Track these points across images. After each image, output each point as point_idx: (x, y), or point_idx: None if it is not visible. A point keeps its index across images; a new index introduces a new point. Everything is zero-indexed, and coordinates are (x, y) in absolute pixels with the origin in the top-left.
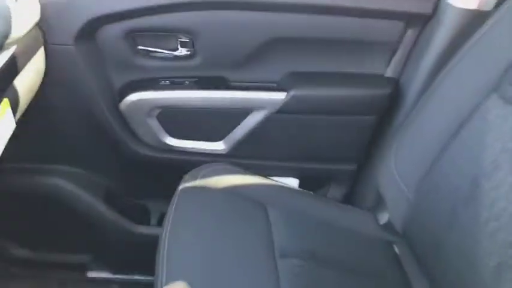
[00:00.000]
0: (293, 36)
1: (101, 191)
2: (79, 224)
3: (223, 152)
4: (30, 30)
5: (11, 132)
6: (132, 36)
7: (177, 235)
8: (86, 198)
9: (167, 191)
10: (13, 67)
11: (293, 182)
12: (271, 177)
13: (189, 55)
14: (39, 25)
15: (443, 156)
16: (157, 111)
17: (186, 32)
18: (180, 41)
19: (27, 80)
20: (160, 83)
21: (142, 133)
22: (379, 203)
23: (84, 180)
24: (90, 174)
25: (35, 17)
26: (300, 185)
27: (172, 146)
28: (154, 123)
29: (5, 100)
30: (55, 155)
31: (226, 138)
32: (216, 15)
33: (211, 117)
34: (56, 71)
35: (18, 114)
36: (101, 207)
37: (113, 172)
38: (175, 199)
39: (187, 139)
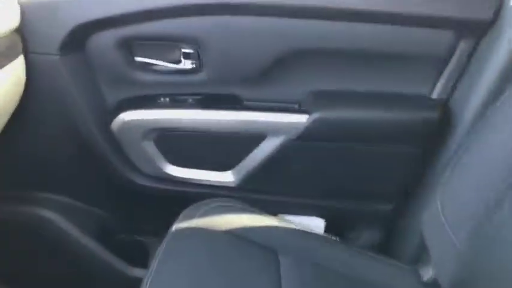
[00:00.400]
0: (318, 47)
1: (92, 224)
2: (65, 262)
3: (233, 185)
4: (5, 36)
5: None
6: (128, 46)
7: None
8: (73, 233)
9: (169, 227)
10: None
11: (318, 224)
12: (291, 217)
13: (194, 68)
14: (19, 31)
15: (506, 200)
16: (154, 134)
17: (191, 41)
18: (184, 52)
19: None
20: (159, 101)
21: (137, 159)
22: (422, 255)
23: (72, 212)
24: (79, 204)
25: (13, 21)
26: (326, 228)
27: (172, 175)
28: (151, 148)
29: None
30: (39, 182)
31: (236, 167)
32: (226, 22)
33: (219, 143)
34: (37, 85)
35: None
36: (91, 244)
37: (105, 203)
38: (164, 243)
39: (189, 168)
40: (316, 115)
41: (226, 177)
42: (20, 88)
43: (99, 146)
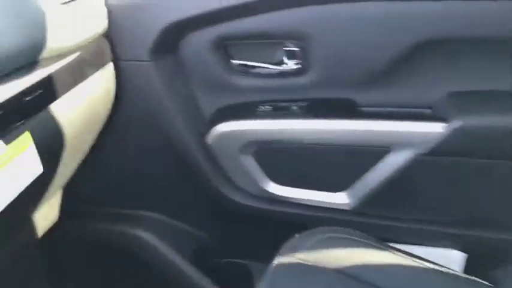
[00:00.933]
0: (458, 35)
1: (188, 245)
2: (158, 284)
3: (347, 208)
4: (92, 42)
5: (32, 177)
6: (223, 47)
7: None
8: (168, 253)
9: (272, 251)
10: (48, 90)
11: (455, 258)
12: (421, 249)
13: (299, 69)
14: (107, 36)
15: None
16: (254, 147)
17: (295, 36)
18: (287, 51)
19: (83, 107)
20: (259, 109)
21: (235, 175)
22: None
23: (167, 231)
24: (174, 223)
25: (99, 25)
26: (467, 264)
27: (274, 194)
28: (250, 163)
29: (26, 134)
30: (131, 198)
31: (351, 187)
32: (337, 11)
33: (331, 158)
34: (128, 94)
35: (69, 150)
36: (186, 267)
37: (202, 222)
38: (264, 279)
39: (295, 187)
40: (457, 123)
41: (340, 199)
42: (110, 98)
43: (194, 160)
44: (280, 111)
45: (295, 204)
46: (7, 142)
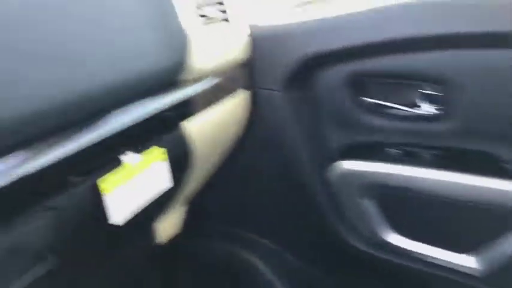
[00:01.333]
0: None
1: (296, 278)
2: None
3: (476, 274)
4: (230, 68)
5: (161, 190)
6: (356, 83)
7: None
8: (275, 283)
9: None
10: (183, 110)
11: None
12: None
13: (437, 115)
14: (247, 63)
15: None
16: (377, 191)
17: (436, 80)
18: (424, 93)
19: (214, 129)
20: (387, 151)
21: (352, 216)
22: None
23: (278, 260)
24: (286, 253)
25: (240, 52)
26: None
27: (394, 245)
28: (370, 207)
29: (159, 149)
30: (250, 222)
31: (483, 251)
32: (485, 58)
33: (462, 215)
34: (259, 121)
35: (196, 168)
36: None
37: (314, 257)
38: None
39: (418, 240)
40: None
41: (468, 262)
42: (240, 123)
43: (312, 193)
44: (410, 156)
45: (416, 259)
46: (141, 154)
